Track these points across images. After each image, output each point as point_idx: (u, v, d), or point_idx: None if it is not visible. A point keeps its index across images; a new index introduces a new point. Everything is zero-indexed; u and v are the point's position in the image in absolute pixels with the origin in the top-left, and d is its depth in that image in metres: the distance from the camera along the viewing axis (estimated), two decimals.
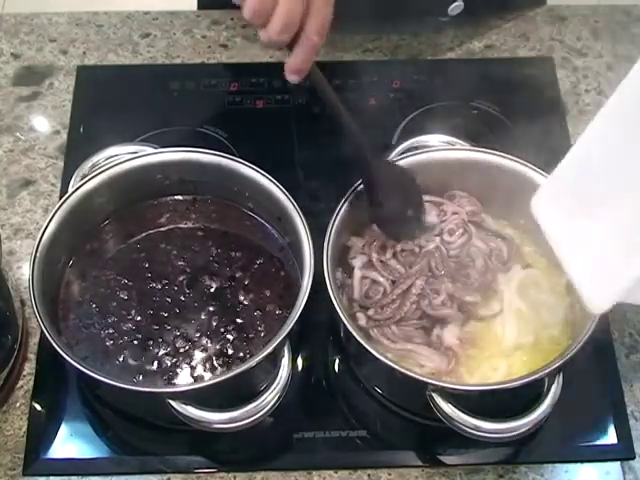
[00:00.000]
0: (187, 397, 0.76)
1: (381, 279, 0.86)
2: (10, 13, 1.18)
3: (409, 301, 0.83)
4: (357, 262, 0.87)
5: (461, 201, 0.91)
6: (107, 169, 0.88)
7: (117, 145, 0.91)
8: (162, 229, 0.92)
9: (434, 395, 0.76)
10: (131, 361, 0.83)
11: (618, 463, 0.86)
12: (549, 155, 1.02)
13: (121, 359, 0.84)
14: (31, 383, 0.89)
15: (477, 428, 0.75)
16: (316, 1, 0.74)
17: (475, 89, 1.09)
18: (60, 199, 0.87)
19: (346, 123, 0.82)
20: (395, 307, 0.84)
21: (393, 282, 0.85)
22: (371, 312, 0.84)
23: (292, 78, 0.78)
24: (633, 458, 0.86)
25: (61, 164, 1.04)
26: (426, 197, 0.89)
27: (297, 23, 0.74)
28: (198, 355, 0.84)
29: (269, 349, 0.77)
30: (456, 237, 0.88)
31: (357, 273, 0.86)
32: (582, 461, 0.86)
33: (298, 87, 1.09)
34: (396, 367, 0.76)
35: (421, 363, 0.82)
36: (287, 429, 0.87)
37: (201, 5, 1.25)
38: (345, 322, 0.78)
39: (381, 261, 0.87)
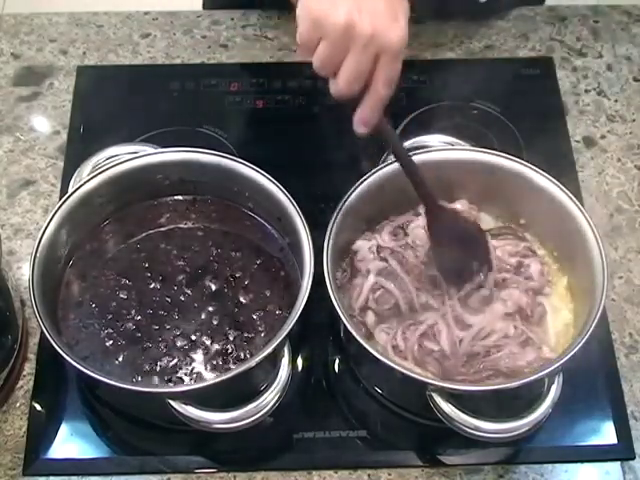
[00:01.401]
0: (187, 397, 0.76)
1: (396, 291, 0.85)
2: (10, 13, 1.18)
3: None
4: (372, 266, 0.87)
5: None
6: (107, 169, 0.88)
7: (117, 145, 0.91)
8: (162, 229, 0.92)
9: (434, 395, 0.76)
10: (131, 361, 0.83)
11: (618, 463, 0.86)
12: (549, 155, 1.02)
13: (121, 359, 0.84)
14: (31, 383, 0.89)
15: (477, 428, 0.75)
16: (385, 55, 0.73)
17: (475, 89, 1.09)
18: (60, 199, 0.87)
19: (414, 175, 0.82)
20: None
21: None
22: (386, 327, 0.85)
23: (360, 130, 0.77)
24: (633, 458, 0.86)
25: (61, 164, 1.04)
26: None
27: (365, 76, 0.74)
28: (198, 355, 0.84)
29: (269, 349, 0.77)
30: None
31: (371, 279, 0.86)
32: (582, 461, 0.86)
33: (298, 87, 1.10)
34: (396, 367, 0.76)
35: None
36: (287, 429, 0.87)
37: (207, 5, 1.25)
38: (345, 322, 0.78)
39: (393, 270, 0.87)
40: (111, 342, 0.84)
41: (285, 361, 0.78)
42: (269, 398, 0.76)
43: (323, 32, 0.72)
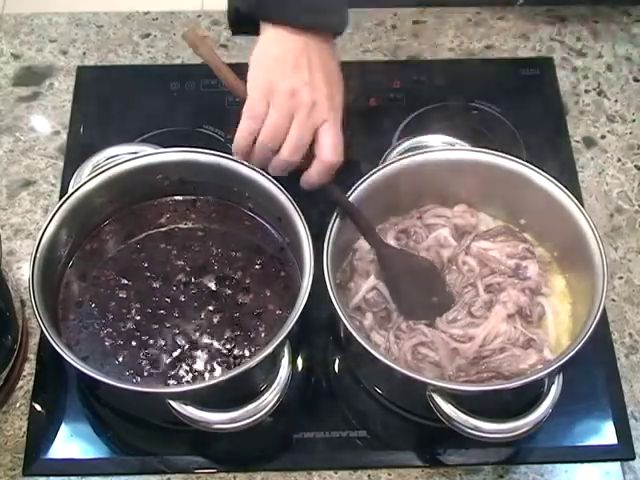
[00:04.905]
0: (187, 397, 0.76)
1: (390, 298, 0.86)
2: (10, 13, 1.18)
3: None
4: (373, 269, 0.87)
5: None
6: (107, 169, 0.88)
7: (117, 145, 0.91)
8: (162, 229, 0.92)
9: (434, 395, 0.76)
10: (131, 361, 0.83)
11: (618, 463, 0.86)
12: (549, 155, 1.02)
13: (121, 359, 0.84)
14: (31, 383, 0.89)
15: (477, 428, 0.75)
16: (325, 122, 0.82)
17: (475, 89, 1.09)
18: (60, 199, 0.87)
19: (361, 221, 0.86)
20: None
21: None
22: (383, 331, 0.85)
23: (305, 188, 0.85)
24: (633, 458, 0.86)
25: (61, 164, 1.04)
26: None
27: (307, 144, 0.82)
28: (198, 355, 0.84)
29: (269, 349, 0.77)
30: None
31: (372, 281, 0.87)
32: (582, 461, 0.86)
33: None
34: (396, 367, 0.76)
35: None
36: (287, 429, 0.87)
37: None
38: (345, 322, 0.78)
39: None
40: (111, 342, 0.84)
41: (285, 361, 0.78)
42: (269, 398, 0.76)
43: (271, 98, 0.81)
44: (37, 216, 1.00)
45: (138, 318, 0.86)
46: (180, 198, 0.94)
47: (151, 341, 0.84)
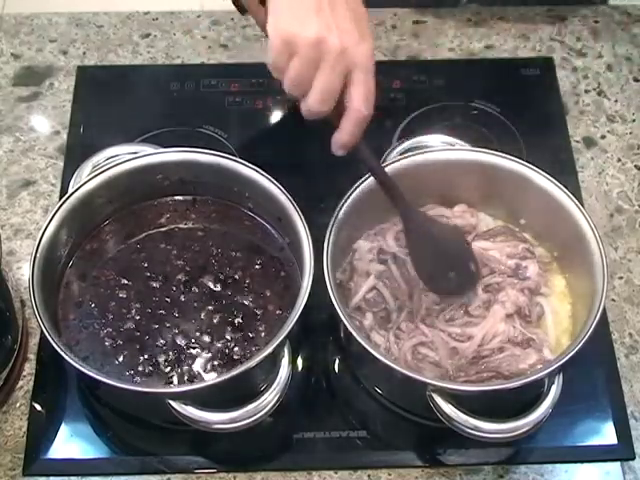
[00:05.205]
0: (187, 397, 0.76)
1: (389, 298, 0.86)
2: (10, 13, 1.18)
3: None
4: (372, 268, 0.87)
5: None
6: (107, 169, 0.88)
7: (117, 145, 0.91)
8: (162, 229, 0.92)
9: (434, 395, 0.76)
10: (131, 361, 0.83)
11: (618, 463, 0.86)
12: (549, 155, 1.03)
13: (121, 359, 0.84)
14: (31, 383, 0.89)
15: (477, 428, 0.75)
16: (356, 70, 0.74)
17: (475, 89, 1.09)
18: (60, 199, 0.87)
19: (391, 186, 0.82)
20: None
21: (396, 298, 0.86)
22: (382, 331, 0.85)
23: (339, 152, 0.78)
24: (633, 458, 0.86)
25: (61, 164, 1.04)
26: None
27: (337, 93, 0.74)
28: (198, 355, 0.84)
29: (269, 349, 0.77)
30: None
31: (371, 281, 0.87)
32: (582, 461, 0.86)
33: None
34: (396, 367, 0.76)
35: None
36: (287, 429, 0.87)
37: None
38: (345, 322, 0.78)
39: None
40: (111, 342, 0.84)
41: (285, 361, 0.78)
42: (269, 398, 0.76)
43: (294, 49, 0.73)
44: (37, 216, 1.00)
45: (138, 318, 0.86)
46: (180, 198, 0.94)
47: (151, 341, 0.84)
